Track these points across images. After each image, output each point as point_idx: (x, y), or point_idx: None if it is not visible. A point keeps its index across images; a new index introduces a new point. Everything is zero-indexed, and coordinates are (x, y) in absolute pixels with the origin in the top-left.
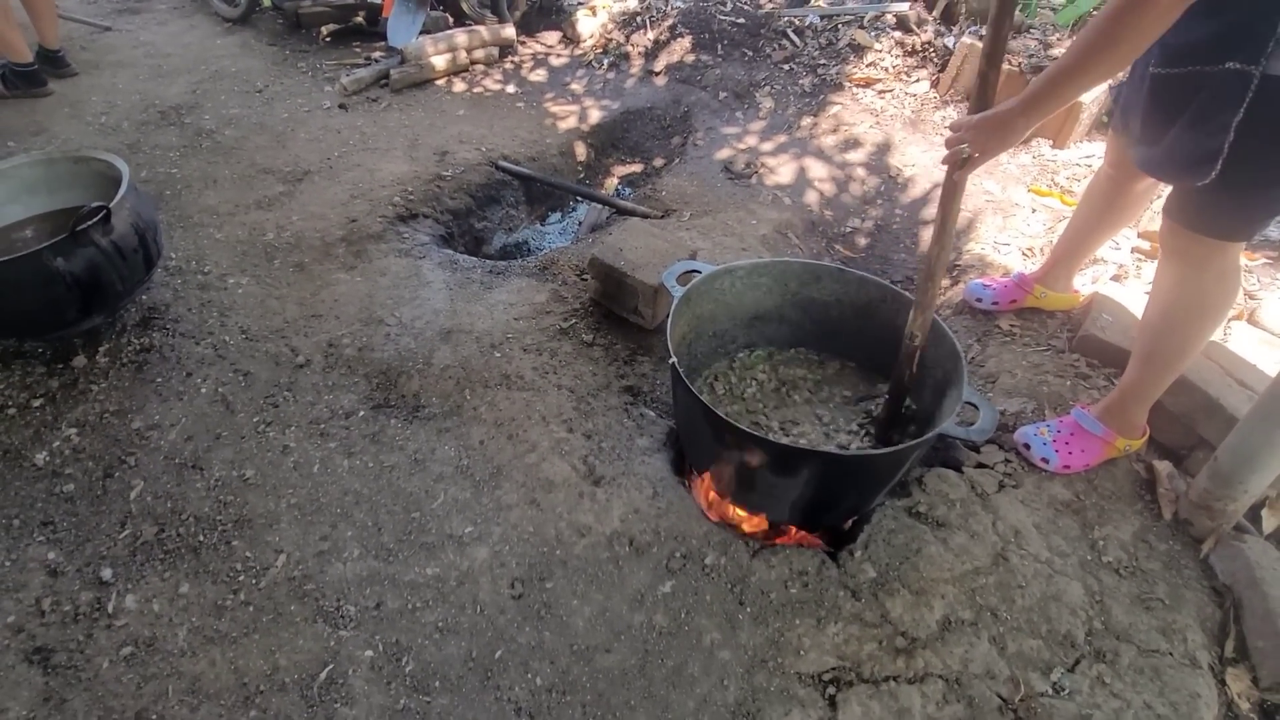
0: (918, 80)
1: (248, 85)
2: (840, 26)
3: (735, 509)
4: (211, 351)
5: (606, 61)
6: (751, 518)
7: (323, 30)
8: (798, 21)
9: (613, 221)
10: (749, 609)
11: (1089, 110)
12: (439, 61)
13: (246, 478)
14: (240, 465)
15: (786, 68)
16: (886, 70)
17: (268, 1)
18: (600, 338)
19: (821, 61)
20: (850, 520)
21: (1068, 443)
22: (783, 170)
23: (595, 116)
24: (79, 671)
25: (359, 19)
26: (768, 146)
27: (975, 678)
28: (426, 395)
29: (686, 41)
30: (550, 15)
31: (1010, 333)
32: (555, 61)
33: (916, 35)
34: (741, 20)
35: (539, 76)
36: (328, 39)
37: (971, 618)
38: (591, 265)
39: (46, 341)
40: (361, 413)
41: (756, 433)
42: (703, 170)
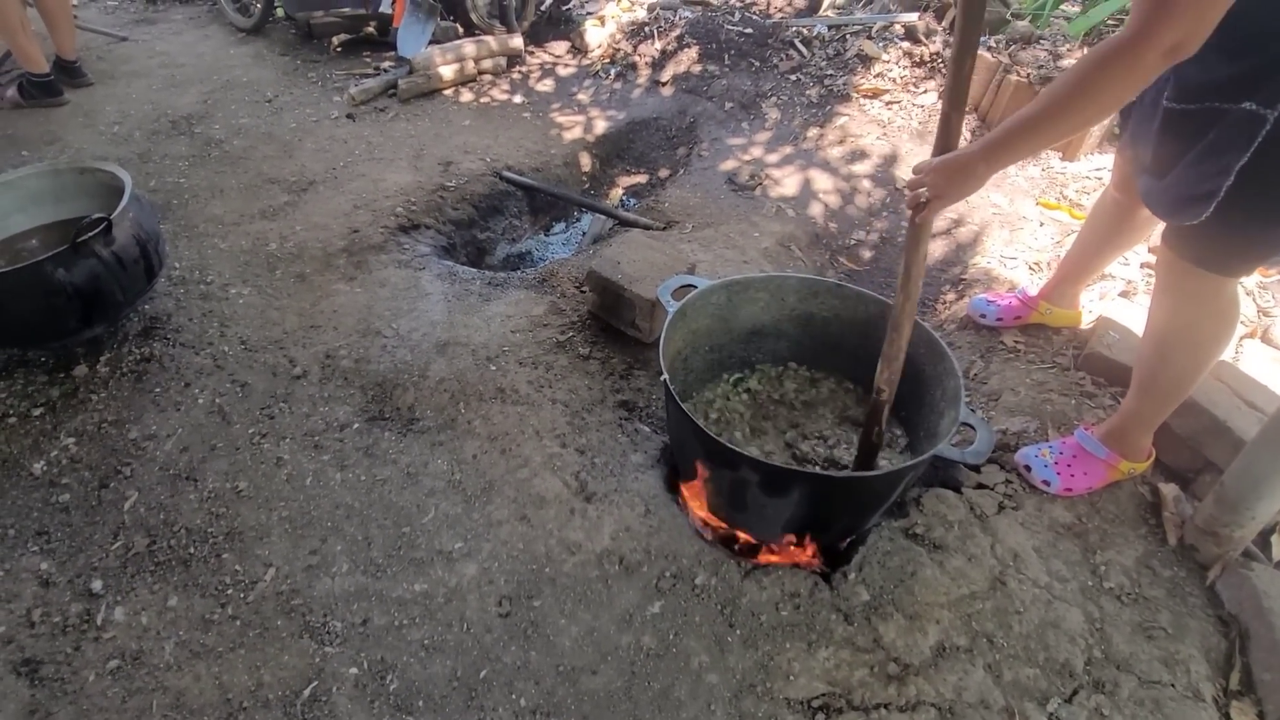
0: (926, 92)
1: (258, 95)
2: (848, 37)
3: (724, 526)
4: (210, 362)
5: (613, 72)
6: (741, 534)
7: (334, 40)
8: (805, 32)
9: (616, 233)
10: (739, 631)
11: (1101, 124)
12: (447, 72)
13: (239, 490)
14: (234, 477)
15: (793, 78)
16: (894, 81)
17: (281, 12)
18: (597, 351)
19: (829, 72)
20: (846, 540)
21: (1070, 465)
22: (787, 182)
23: (601, 127)
24: (65, 684)
25: (370, 29)
26: (773, 158)
27: (969, 707)
28: (421, 408)
29: (694, 52)
30: (559, 25)
31: (1014, 349)
32: (562, 71)
33: (925, 46)
34: (749, 30)
35: (546, 86)
36: (339, 49)
37: (967, 644)
38: (589, 278)
39: (48, 351)
40: (356, 425)
41: (746, 452)
42: (706, 182)
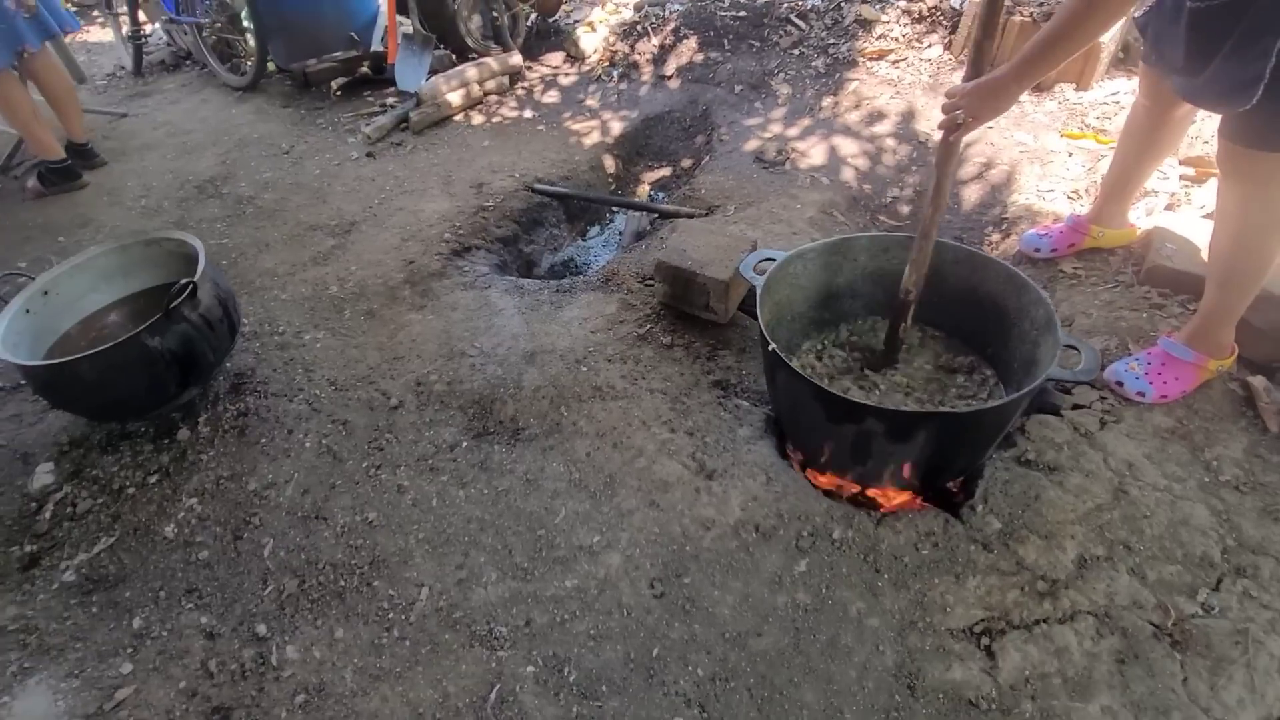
0: (930, 45)
1: (274, 148)
2: (843, 4)
3: (846, 482)
4: (306, 407)
5: (616, 73)
6: (865, 487)
7: (333, 85)
8: (799, 5)
9: (658, 226)
10: (886, 575)
11: (1108, 49)
12: (454, 98)
13: (370, 520)
14: (361, 510)
15: (797, 52)
16: (898, 40)
17: (273, 66)
18: (678, 339)
19: (831, 41)
20: (958, 481)
21: (1160, 372)
22: (814, 152)
23: (617, 128)
24: None
25: (365, 69)
26: (793, 132)
27: (1124, 609)
28: (524, 417)
29: (693, 42)
30: (549, 38)
31: (1075, 275)
32: (565, 81)
33: (921, 2)
34: (743, 13)
35: (552, 98)
36: (338, 93)
37: (1105, 553)
38: (658, 269)
39: (147, 420)
40: (464, 443)
41: (871, 402)
42: (735, 164)
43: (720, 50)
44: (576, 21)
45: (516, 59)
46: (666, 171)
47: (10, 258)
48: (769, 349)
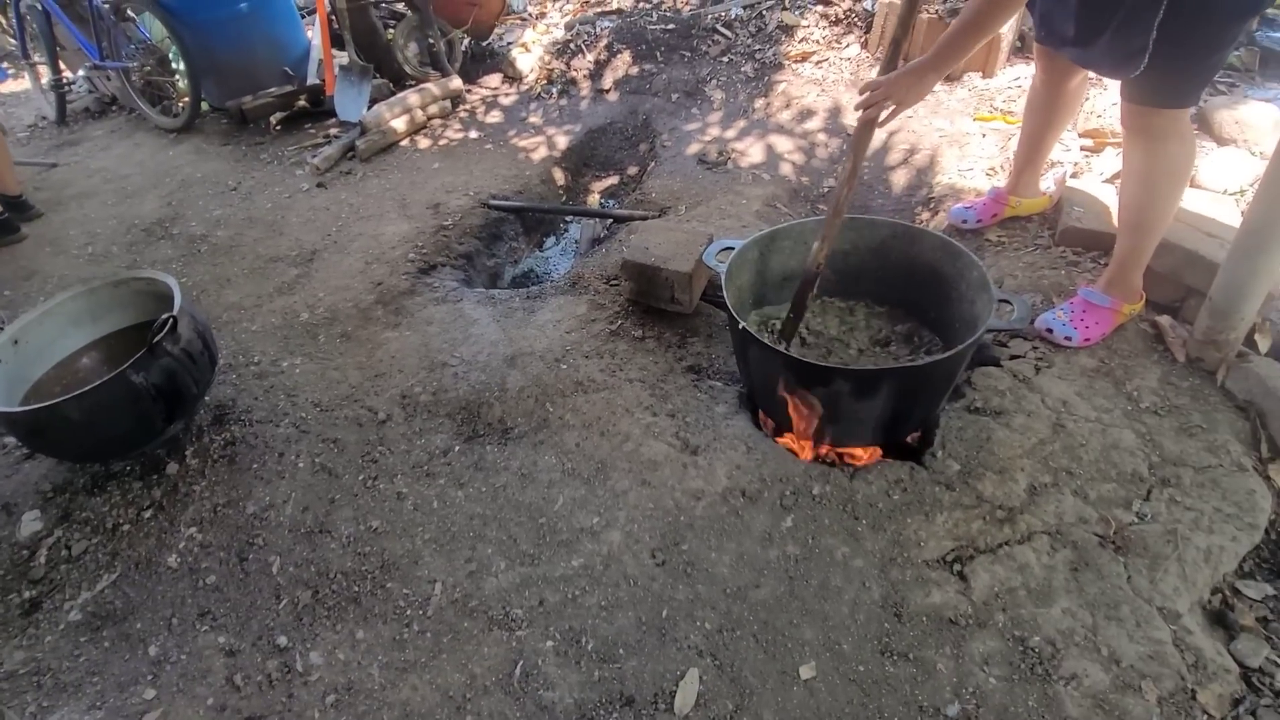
0: (849, 45)
1: (220, 186)
2: (764, 13)
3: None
4: (294, 429)
5: (556, 90)
6: (836, 448)
7: (272, 120)
8: (724, 16)
9: (615, 231)
10: (864, 521)
11: (1007, 39)
12: (399, 124)
13: (375, 528)
14: (364, 519)
15: (726, 60)
16: (818, 42)
17: (206, 105)
18: (649, 331)
19: (757, 47)
20: (917, 435)
21: (1083, 318)
22: (752, 151)
23: (562, 142)
24: None
25: (302, 102)
26: (731, 133)
27: (1072, 526)
28: (511, 417)
29: (626, 56)
30: (485, 60)
31: (1000, 242)
32: (506, 101)
33: (837, 5)
34: (671, 26)
35: (496, 117)
36: (278, 127)
37: (1051, 480)
38: (624, 268)
39: (131, 459)
40: (457, 447)
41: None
42: (680, 167)
43: (654, 62)
44: (510, 43)
45: (457, 82)
46: (614, 180)
47: None
48: (739, 328)
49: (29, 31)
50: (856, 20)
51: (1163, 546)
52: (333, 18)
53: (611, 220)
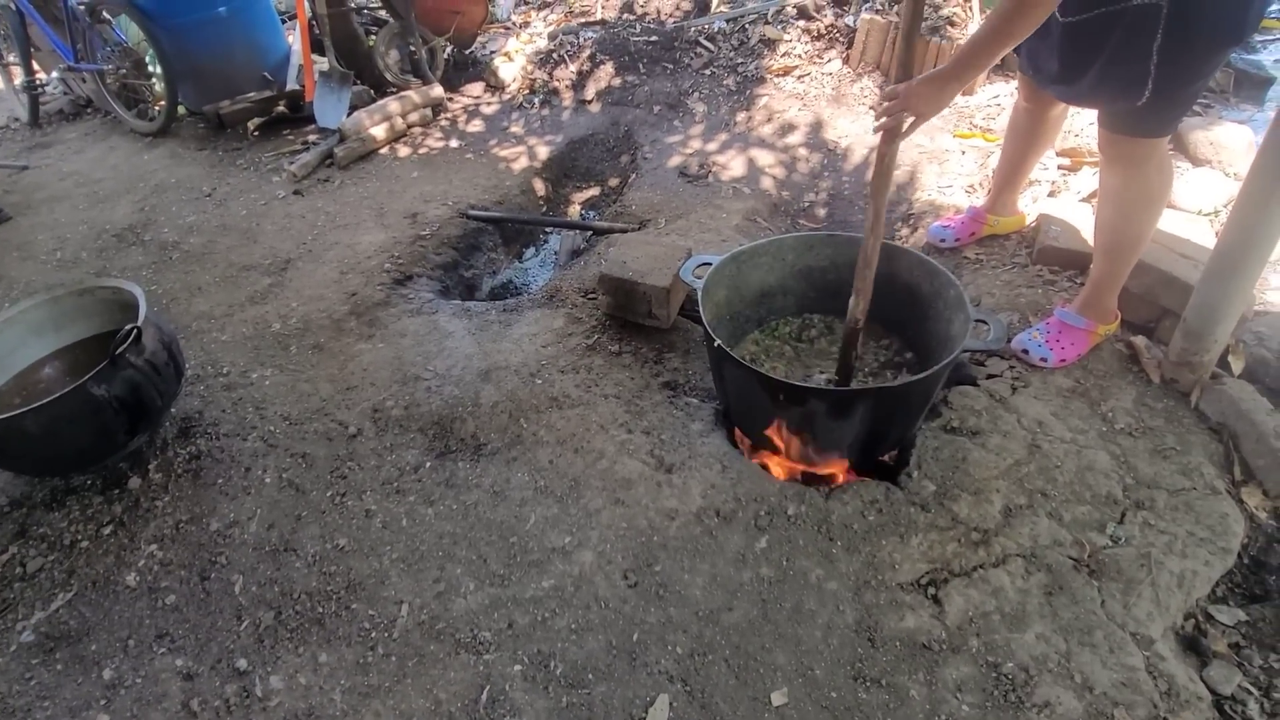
0: (830, 60)
1: (195, 192)
2: (747, 26)
3: (795, 463)
4: (262, 444)
5: (538, 100)
6: (812, 466)
7: (250, 125)
8: (707, 29)
9: (594, 243)
10: (839, 542)
11: None
12: (378, 131)
13: (341, 547)
14: (331, 537)
15: (708, 73)
16: (800, 57)
17: (184, 109)
18: (625, 346)
19: (739, 60)
20: (894, 454)
21: (1059, 339)
22: (733, 164)
23: (543, 152)
24: None
25: (281, 108)
26: (713, 146)
27: (1046, 548)
28: (484, 433)
29: (609, 67)
30: (467, 69)
31: (978, 260)
32: (487, 110)
33: (819, 20)
34: (655, 38)
35: (477, 126)
36: (256, 133)
37: (1026, 502)
38: (601, 282)
39: (93, 472)
40: (428, 463)
41: (811, 385)
42: (661, 180)
43: (636, 74)
44: (493, 52)
45: (438, 90)
46: (595, 191)
47: None
48: (715, 345)
49: (2, 32)
50: (838, 36)
51: (1136, 570)
52: (313, 23)
53: (591, 232)
